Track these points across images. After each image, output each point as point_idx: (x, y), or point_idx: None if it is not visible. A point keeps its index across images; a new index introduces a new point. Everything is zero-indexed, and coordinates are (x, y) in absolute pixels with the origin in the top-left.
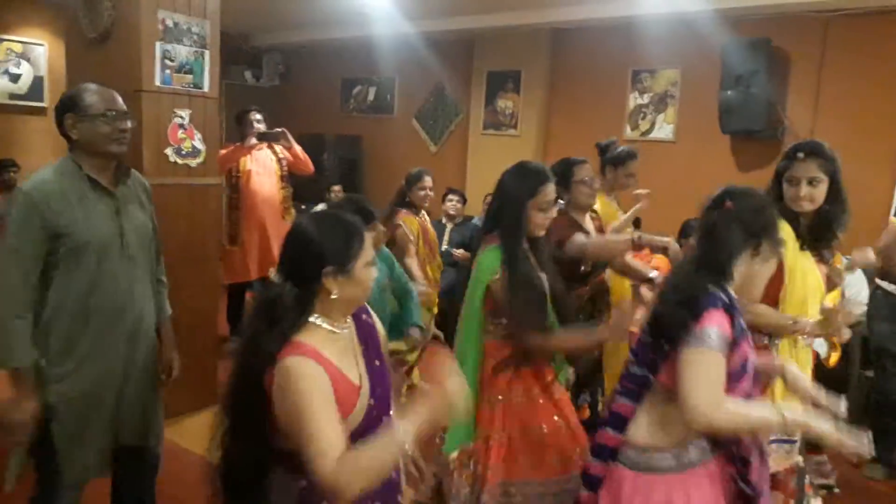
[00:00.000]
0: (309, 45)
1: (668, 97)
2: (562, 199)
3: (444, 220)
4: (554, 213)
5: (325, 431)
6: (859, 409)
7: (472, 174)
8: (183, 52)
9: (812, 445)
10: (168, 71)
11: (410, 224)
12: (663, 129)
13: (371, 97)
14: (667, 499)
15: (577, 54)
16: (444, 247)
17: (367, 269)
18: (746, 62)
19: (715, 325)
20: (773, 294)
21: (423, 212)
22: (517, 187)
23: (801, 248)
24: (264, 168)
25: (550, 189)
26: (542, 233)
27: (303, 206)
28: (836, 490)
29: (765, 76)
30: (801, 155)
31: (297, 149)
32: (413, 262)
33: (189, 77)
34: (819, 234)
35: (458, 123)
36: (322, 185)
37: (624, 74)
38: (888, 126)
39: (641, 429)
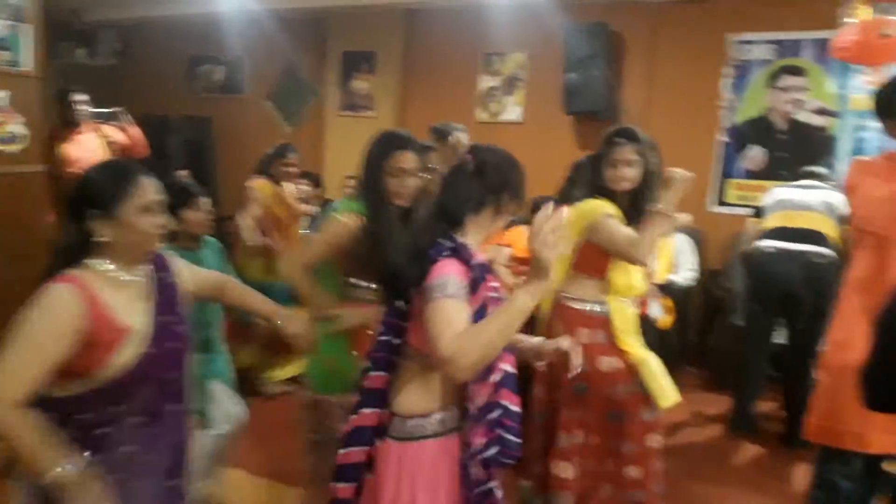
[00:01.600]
0: (149, 21)
1: (517, 80)
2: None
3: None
4: (411, 182)
5: (14, 364)
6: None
7: (330, 156)
8: None
9: None
10: None
11: (262, 188)
12: (512, 111)
13: (220, 76)
14: (433, 463)
15: (431, 36)
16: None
17: (141, 214)
18: (586, 46)
19: (447, 274)
20: (600, 265)
21: (290, 185)
22: (372, 152)
23: (627, 223)
24: (91, 153)
25: (405, 157)
26: (399, 201)
27: None
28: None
29: (603, 60)
30: (619, 140)
31: (135, 130)
32: (245, 219)
33: (6, 54)
34: (637, 210)
35: (314, 104)
36: (166, 170)
37: (475, 57)
38: (711, 105)
39: (403, 396)
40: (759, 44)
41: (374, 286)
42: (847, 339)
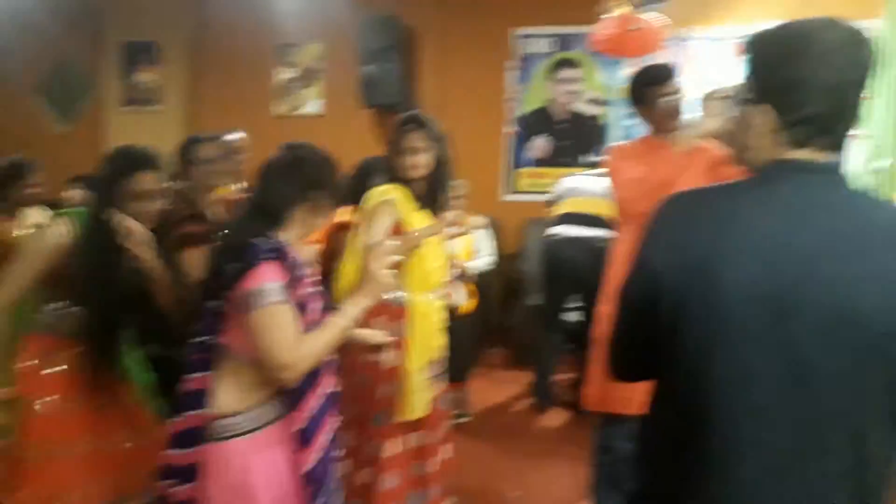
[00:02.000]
0: None
1: (315, 72)
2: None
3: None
4: (154, 205)
5: None
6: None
7: None
8: None
9: (452, 379)
10: None
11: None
12: (313, 104)
13: None
14: (244, 462)
15: (221, 26)
16: None
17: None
18: (380, 38)
19: (267, 281)
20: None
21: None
22: (106, 172)
23: (421, 208)
24: None
25: (146, 178)
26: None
27: None
28: (470, 418)
29: (397, 53)
30: (407, 127)
31: None
32: None
33: None
34: (432, 196)
35: (92, 99)
36: None
37: (269, 49)
38: (499, 97)
39: (222, 396)
40: (539, 37)
41: (64, 307)
42: (613, 310)
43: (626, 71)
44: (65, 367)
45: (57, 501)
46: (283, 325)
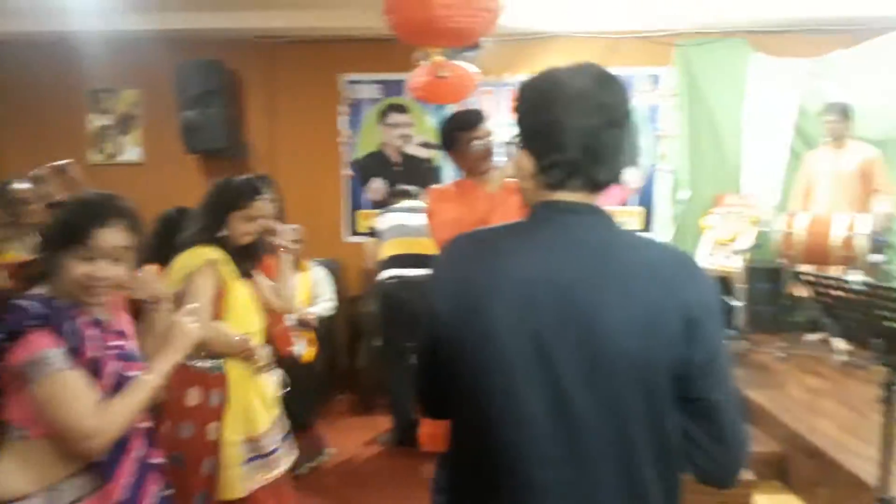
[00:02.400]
0: None
1: (132, 118)
2: None
3: None
4: None
5: None
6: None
7: None
8: None
9: (298, 427)
10: None
11: None
12: (131, 152)
13: None
14: None
15: (21, 70)
16: None
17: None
18: (201, 83)
19: (44, 348)
20: (216, 313)
21: None
22: None
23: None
24: None
25: None
26: None
27: None
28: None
29: (221, 97)
30: (261, 195)
31: None
32: None
33: None
34: (250, 257)
35: None
36: None
37: (80, 94)
38: (333, 141)
39: (7, 478)
40: (366, 83)
41: None
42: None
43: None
44: None
45: None
46: (76, 392)
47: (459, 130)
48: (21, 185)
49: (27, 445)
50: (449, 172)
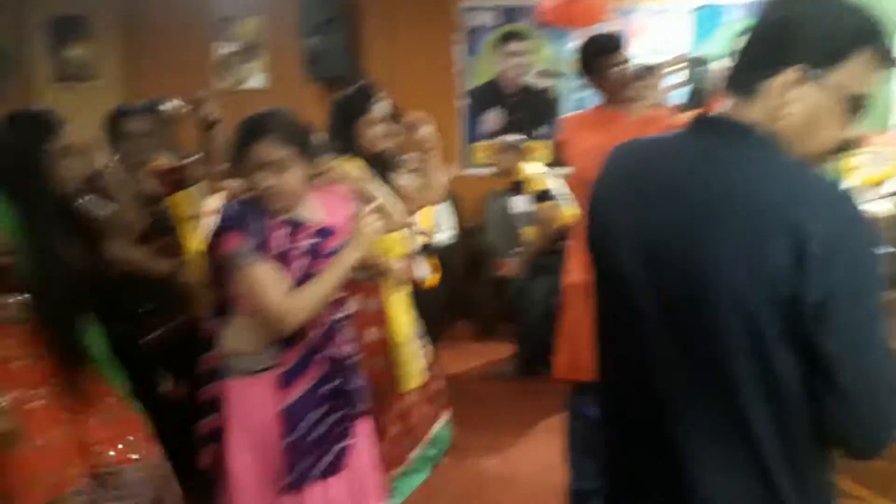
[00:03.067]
0: None
1: (257, 45)
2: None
3: None
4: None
5: None
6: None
7: None
8: None
9: None
10: None
11: None
12: (256, 78)
13: None
14: (242, 398)
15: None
16: None
17: None
18: (324, 9)
19: (235, 245)
20: None
21: None
22: (23, 134)
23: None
24: None
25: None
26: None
27: None
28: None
29: (343, 24)
30: (374, 97)
31: None
32: None
33: None
34: (386, 169)
35: (16, 76)
36: None
37: (208, 22)
38: (450, 71)
39: (225, 340)
40: (484, 10)
41: (14, 299)
42: (575, 279)
43: (574, 43)
44: (27, 359)
45: (35, 487)
46: (266, 280)
47: (600, 55)
48: (170, 105)
49: (241, 317)
50: (568, 104)
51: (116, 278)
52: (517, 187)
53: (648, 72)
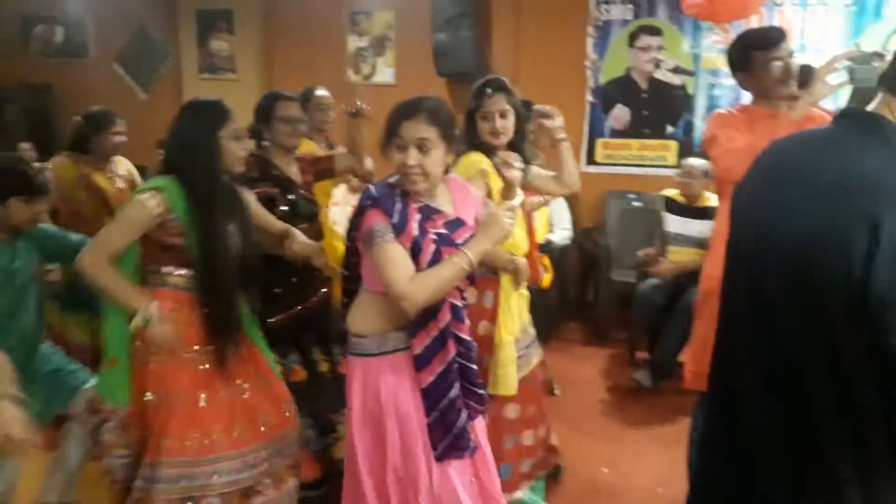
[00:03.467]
0: None
1: (386, 40)
2: (263, 136)
3: None
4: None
5: None
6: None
7: None
8: None
9: None
10: None
11: (61, 169)
12: (384, 73)
13: (59, 38)
14: (364, 377)
15: None
16: None
17: None
18: (455, 4)
19: (373, 223)
20: None
21: (124, 161)
22: (200, 121)
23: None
24: None
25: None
26: (237, 168)
27: None
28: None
29: (471, 19)
30: (489, 91)
31: None
32: None
33: None
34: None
35: (170, 67)
36: (6, 143)
37: (341, 16)
38: (578, 66)
39: (356, 318)
40: (617, 4)
41: (181, 271)
42: (714, 288)
43: (716, 39)
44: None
45: (187, 443)
46: (394, 259)
47: (756, 49)
48: (324, 92)
49: (369, 297)
50: (702, 101)
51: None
52: (698, 211)
53: (809, 69)
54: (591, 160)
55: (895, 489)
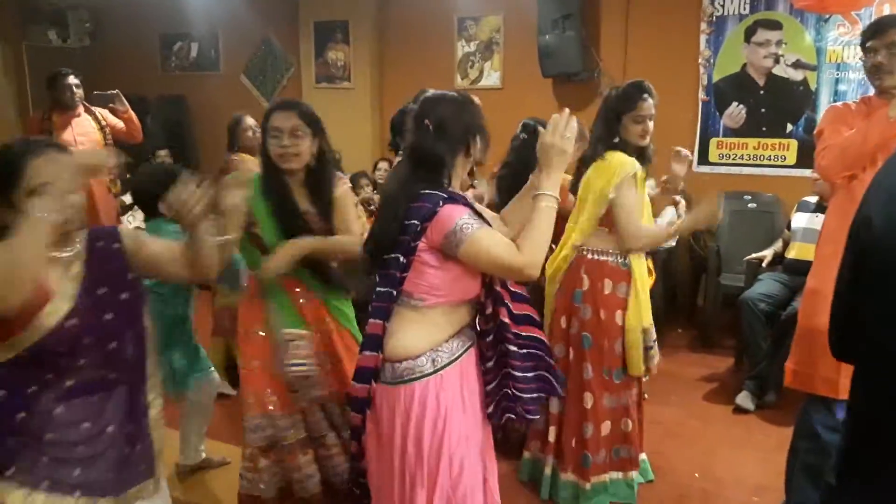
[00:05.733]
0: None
1: (493, 44)
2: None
3: None
4: (287, 142)
5: None
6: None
7: None
8: None
9: None
10: None
11: (248, 162)
12: (491, 77)
13: (194, 53)
14: (421, 402)
15: (403, 3)
16: None
17: (30, 199)
18: (561, 6)
19: (459, 215)
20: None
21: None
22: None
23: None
24: (86, 137)
25: (279, 115)
26: (285, 164)
27: (128, 175)
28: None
29: (578, 19)
30: (646, 95)
31: (130, 113)
32: None
33: None
34: (646, 160)
35: (290, 78)
36: (146, 150)
37: (450, 23)
38: (690, 63)
39: (395, 341)
40: None
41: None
42: (820, 286)
43: (842, 31)
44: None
45: (258, 402)
46: (498, 241)
47: (867, 37)
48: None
49: (421, 314)
50: (824, 98)
51: None
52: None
53: None
54: (703, 160)
55: None
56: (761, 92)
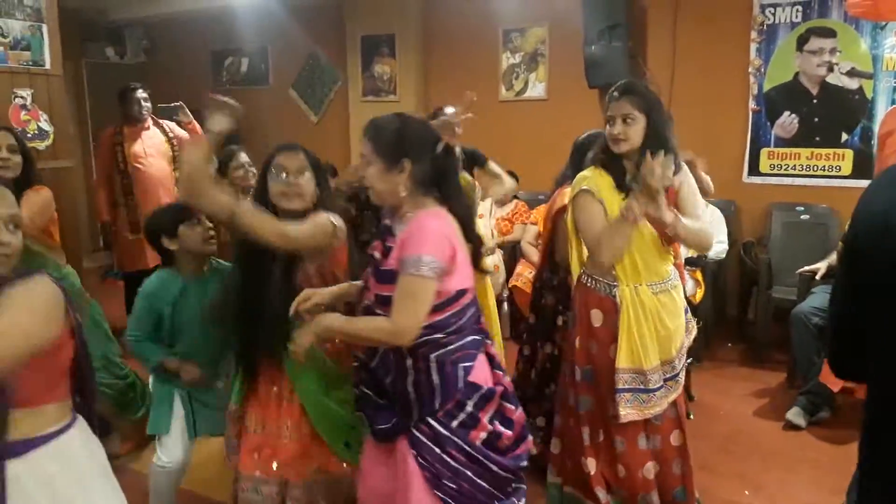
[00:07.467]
0: (173, 16)
1: (539, 55)
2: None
3: None
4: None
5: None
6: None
7: (355, 143)
8: (16, 26)
9: None
10: (0, 48)
11: None
12: (536, 88)
13: (244, 69)
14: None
15: (449, 16)
16: None
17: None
18: (607, 16)
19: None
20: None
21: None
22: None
23: (625, 195)
24: (155, 149)
25: (285, 156)
26: (286, 204)
27: None
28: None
29: (625, 29)
30: (616, 94)
31: (195, 125)
32: None
33: (27, 54)
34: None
35: (338, 91)
36: None
37: (495, 35)
38: (739, 73)
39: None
40: (785, 6)
41: None
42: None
43: None
44: None
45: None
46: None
47: None
48: (450, 111)
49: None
50: (881, 106)
51: None
52: None
53: None
54: (753, 170)
55: None
56: (814, 101)
